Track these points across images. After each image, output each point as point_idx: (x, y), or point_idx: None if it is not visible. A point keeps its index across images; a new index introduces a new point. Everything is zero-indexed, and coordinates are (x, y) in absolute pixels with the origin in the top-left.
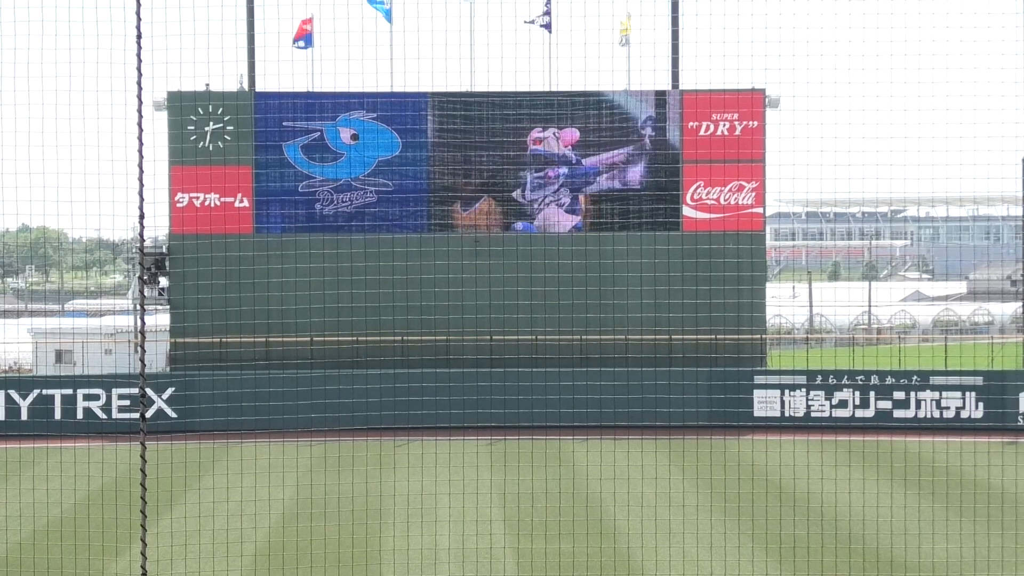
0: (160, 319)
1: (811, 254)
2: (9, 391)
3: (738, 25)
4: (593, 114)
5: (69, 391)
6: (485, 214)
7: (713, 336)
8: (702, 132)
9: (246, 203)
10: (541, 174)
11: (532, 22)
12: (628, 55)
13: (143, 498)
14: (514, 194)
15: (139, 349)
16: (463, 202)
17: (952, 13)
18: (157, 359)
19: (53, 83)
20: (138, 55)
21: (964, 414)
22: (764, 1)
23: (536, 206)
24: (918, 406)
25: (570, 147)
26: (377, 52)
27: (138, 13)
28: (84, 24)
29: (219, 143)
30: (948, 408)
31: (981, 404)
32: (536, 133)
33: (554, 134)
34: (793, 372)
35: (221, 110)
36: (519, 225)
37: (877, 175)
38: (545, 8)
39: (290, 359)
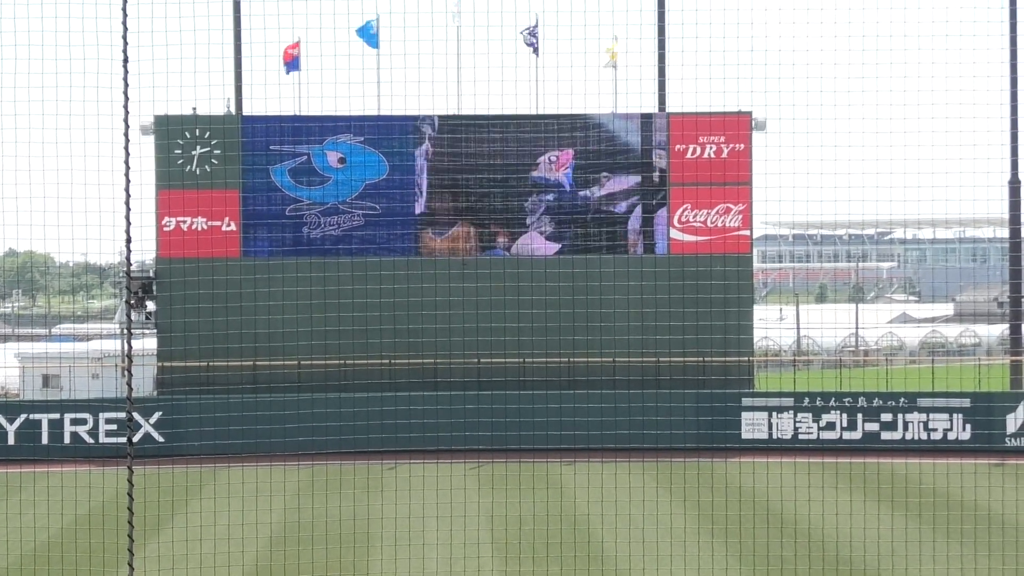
0: (147, 343)
1: (798, 276)
2: None
3: (724, 48)
4: (580, 137)
5: (56, 415)
6: (473, 237)
7: (701, 358)
8: (689, 154)
9: (233, 227)
10: (529, 197)
11: (528, 37)
12: (614, 77)
13: (130, 523)
14: (501, 217)
15: (126, 373)
16: (450, 225)
17: (938, 36)
18: (144, 383)
19: (40, 107)
20: (125, 79)
21: (952, 436)
22: (750, 24)
23: (523, 229)
24: (906, 428)
25: (559, 170)
26: (364, 75)
27: (125, 37)
28: (71, 48)
29: (206, 167)
30: (936, 430)
31: (968, 426)
32: (527, 156)
33: (548, 159)
34: (781, 394)
35: (208, 134)
36: (506, 248)
37: (863, 197)
38: (532, 30)
39: (278, 383)
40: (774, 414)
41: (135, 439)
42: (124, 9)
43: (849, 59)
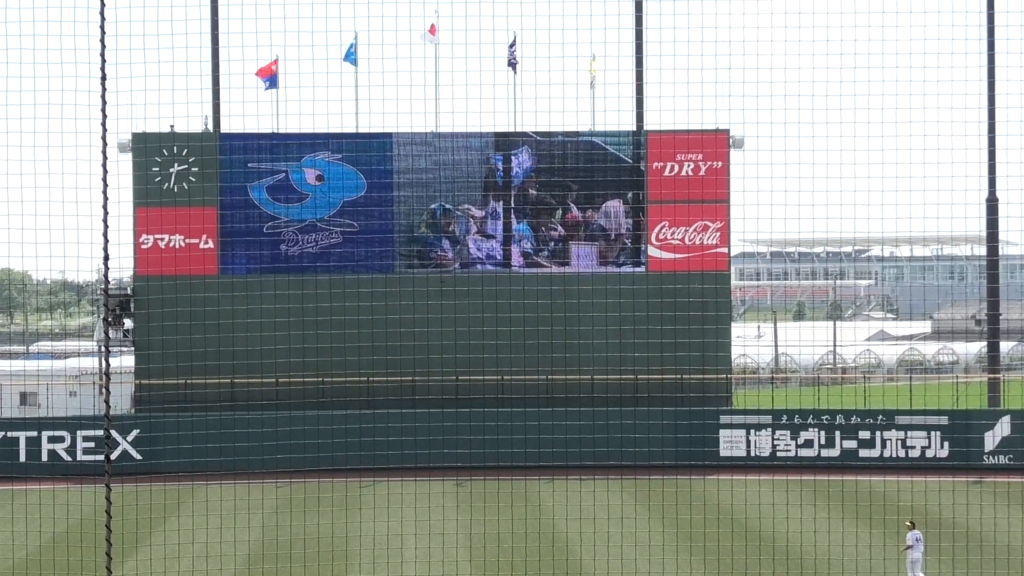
0: (125, 361)
1: (776, 294)
2: None
3: (702, 66)
4: (558, 154)
5: (34, 433)
6: (451, 255)
7: (679, 376)
8: (667, 172)
9: (211, 244)
10: (505, 214)
11: (509, 54)
12: (592, 96)
13: (108, 540)
14: (478, 234)
15: (104, 391)
16: (428, 242)
17: (916, 54)
18: (122, 401)
19: (17, 125)
20: (103, 97)
21: (929, 453)
22: (728, 43)
23: (501, 246)
24: (884, 445)
25: (535, 187)
26: (342, 93)
27: (103, 55)
28: (48, 66)
29: (184, 184)
30: (914, 447)
31: (946, 443)
32: (500, 173)
33: (520, 174)
34: (758, 412)
35: (186, 151)
36: (484, 265)
37: (841, 215)
38: (511, 47)
39: (255, 400)
40: (752, 431)
41: (113, 457)
42: (102, 27)
43: (827, 78)
